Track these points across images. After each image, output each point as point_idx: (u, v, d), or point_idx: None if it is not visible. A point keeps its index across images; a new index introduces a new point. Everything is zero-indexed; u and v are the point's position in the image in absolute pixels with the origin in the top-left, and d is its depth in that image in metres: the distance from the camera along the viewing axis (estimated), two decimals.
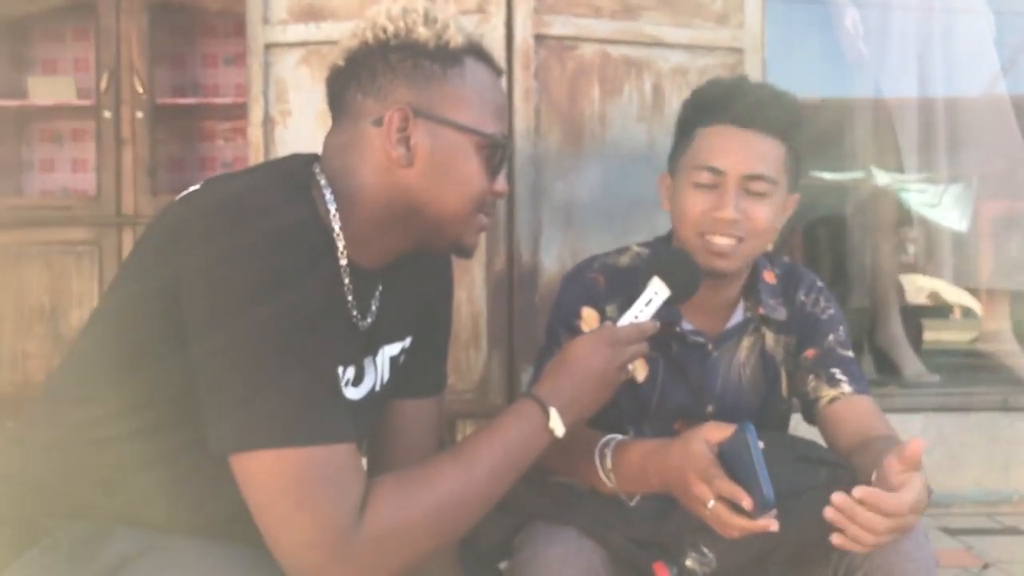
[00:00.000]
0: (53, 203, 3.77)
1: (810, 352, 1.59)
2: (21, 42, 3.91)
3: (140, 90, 3.63)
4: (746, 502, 1.19)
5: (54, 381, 1.19)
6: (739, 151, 1.47)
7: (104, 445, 1.11)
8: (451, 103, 1.20)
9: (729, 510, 1.22)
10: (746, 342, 1.60)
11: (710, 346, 1.57)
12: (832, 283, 3.63)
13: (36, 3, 3.67)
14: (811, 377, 1.57)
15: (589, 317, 1.58)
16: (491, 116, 1.24)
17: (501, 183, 1.27)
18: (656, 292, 1.34)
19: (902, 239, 3.73)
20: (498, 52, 2.18)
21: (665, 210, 1.61)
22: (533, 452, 1.21)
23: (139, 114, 3.63)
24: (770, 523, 1.20)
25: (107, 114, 3.63)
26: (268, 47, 2.25)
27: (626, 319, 1.33)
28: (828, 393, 1.54)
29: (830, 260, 3.74)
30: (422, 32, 1.18)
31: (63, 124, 3.94)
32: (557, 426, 1.22)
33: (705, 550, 1.37)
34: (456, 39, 1.20)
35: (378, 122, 1.18)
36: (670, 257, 1.41)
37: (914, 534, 1.33)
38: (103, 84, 3.63)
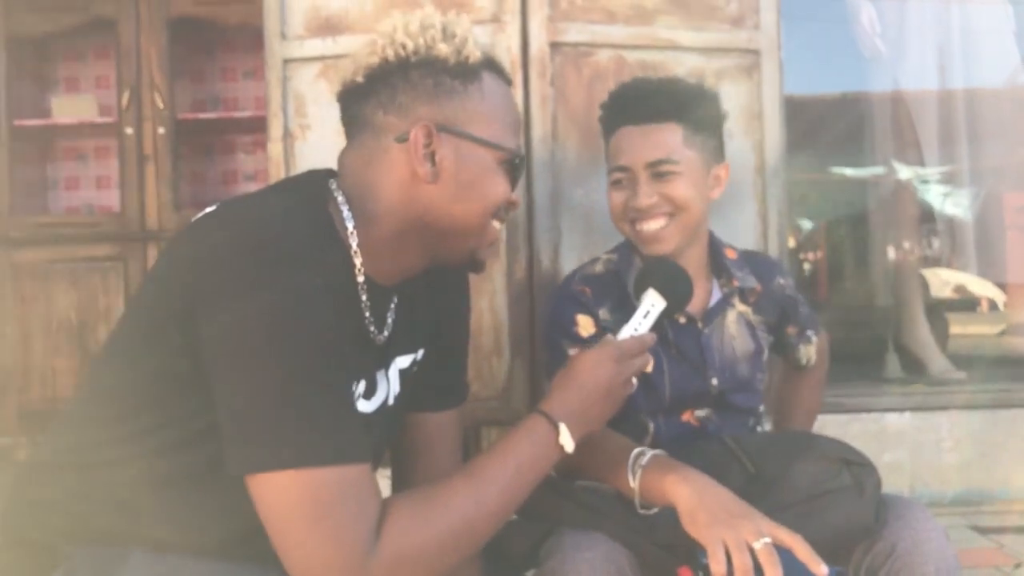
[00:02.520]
0: (78, 220, 3.82)
1: (791, 329, 1.81)
2: (44, 62, 3.96)
3: (161, 106, 3.67)
4: (822, 569, 1.20)
5: (73, 402, 1.20)
6: (638, 145, 1.61)
7: (121, 465, 1.12)
8: (473, 118, 1.21)
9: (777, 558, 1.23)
10: (731, 316, 1.69)
11: (700, 324, 1.66)
12: (854, 280, 3.63)
13: (57, 23, 3.71)
14: (801, 346, 1.84)
15: (585, 323, 1.64)
16: (511, 129, 1.26)
17: (515, 194, 1.28)
18: (653, 304, 1.37)
19: (927, 233, 3.70)
20: (514, 60, 2.20)
21: None
22: (544, 468, 1.22)
23: (160, 130, 3.67)
24: None
25: (129, 131, 3.67)
26: (286, 62, 2.27)
27: (626, 332, 1.34)
28: (810, 351, 1.85)
29: (852, 257, 3.72)
30: (442, 48, 1.19)
31: (86, 142, 4.00)
32: (567, 442, 1.22)
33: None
34: (475, 54, 1.21)
35: (402, 138, 1.19)
36: (662, 268, 1.46)
37: (935, 534, 1.35)
38: (124, 101, 3.67)
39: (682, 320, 1.64)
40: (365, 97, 1.22)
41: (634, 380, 1.31)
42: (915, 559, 1.34)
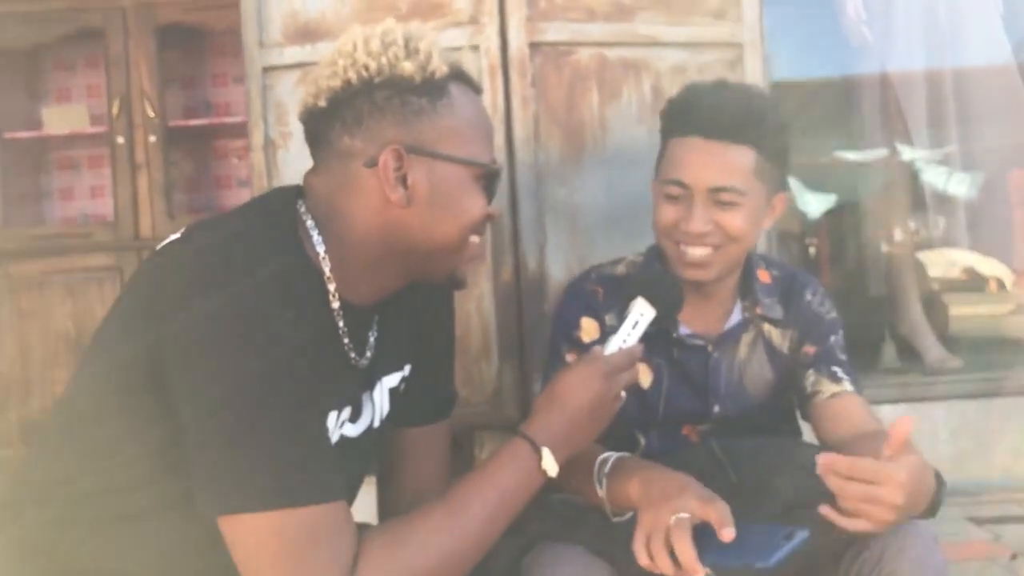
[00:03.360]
0: (74, 230, 3.83)
1: (809, 348, 1.60)
2: (34, 73, 3.97)
3: (151, 114, 3.67)
4: (727, 532, 1.18)
5: (44, 438, 1.19)
6: (704, 164, 1.48)
7: (93, 501, 1.11)
8: (443, 136, 1.16)
9: (689, 537, 1.20)
10: (745, 339, 1.61)
11: (710, 347, 1.58)
12: (849, 268, 3.61)
13: (45, 33, 3.70)
14: (811, 372, 1.58)
15: (589, 327, 1.58)
16: (483, 142, 1.22)
17: (493, 207, 1.24)
18: (642, 314, 1.31)
19: (933, 214, 3.66)
20: (493, 62, 2.18)
21: None
22: (527, 495, 1.18)
23: (152, 138, 3.67)
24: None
25: (120, 140, 3.67)
26: (266, 70, 2.26)
27: (614, 344, 1.29)
28: (830, 388, 1.56)
29: (843, 247, 3.69)
30: (406, 67, 1.14)
31: (79, 152, 4.00)
32: (551, 466, 1.19)
33: (706, 569, 1.35)
34: (441, 69, 1.16)
35: (371, 163, 1.14)
36: (652, 276, 1.42)
37: (922, 539, 1.32)
38: (115, 110, 3.67)
39: (693, 343, 1.57)
40: (329, 121, 1.16)
41: (623, 394, 1.27)
42: (903, 566, 1.30)
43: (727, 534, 1.17)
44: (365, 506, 1.35)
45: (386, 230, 1.16)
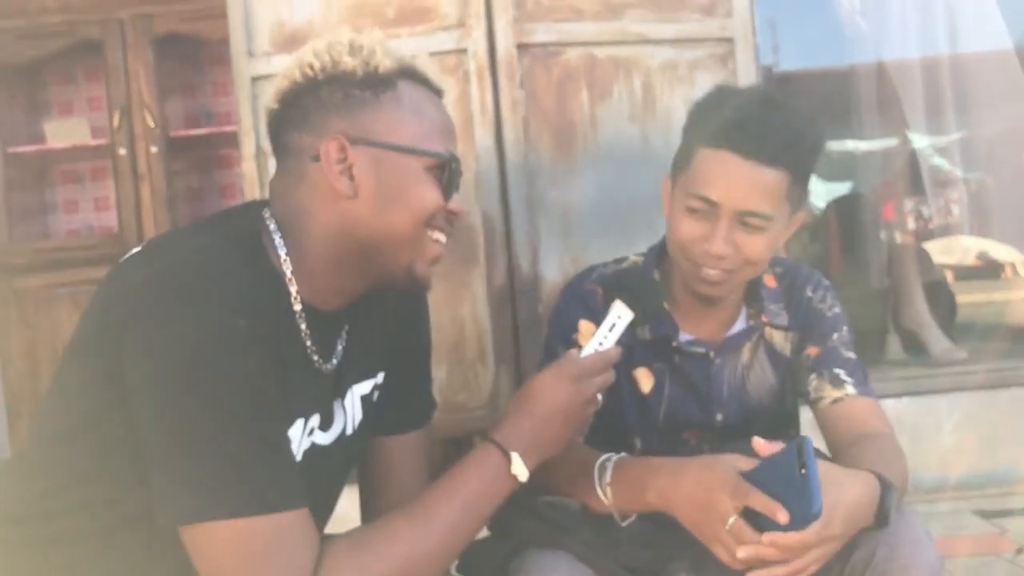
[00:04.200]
0: (79, 243, 3.85)
1: (812, 350, 1.55)
2: (34, 87, 3.99)
3: (152, 125, 3.68)
4: (782, 515, 1.16)
5: (20, 453, 1.20)
6: (737, 184, 1.38)
7: (61, 516, 1.11)
8: (388, 127, 1.17)
9: (751, 529, 1.19)
10: (747, 345, 1.57)
11: (712, 354, 1.55)
12: (854, 260, 3.57)
13: (44, 48, 3.73)
14: (813, 376, 1.53)
15: (587, 331, 1.54)
16: (435, 134, 1.21)
17: (455, 203, 1.23)
18: (619, 316, 1.30)
19: (945, 201, 3.63)
20: (481, 64, 2.17)
21: (665, 216, 1.54)
22: (496, 500, 1.19)
23: (153, 148, 3.69)
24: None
25: (122, 151, 3.69)
26: (254, 80, 2.26)
27: (590, 347, 1.28)
28: (832, 394, 1.51)
29: (846, 238, 3.66)
30: (348, 62, 1.16)
31: (82, 165, 4.02)
32: (520, 471, 1.19)
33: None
34: (384, 63, 1.18)
35: (316, 157, 1.16)
36: (630, 278, 1.38)
37: (914, 538, 1.29)
38: (115, 122, 3.68)
39: (694, 350, 1.54)
40: (281, 122, 1.20)
41: (599, 397, 1.26)
42: (894, 566, 1.27)
43: (782, 518, 1.16)
44: (351, 517, 1.35)
45: (340, 225, 1.17)
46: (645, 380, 1.56)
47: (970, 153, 3.24)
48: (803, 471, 1.16)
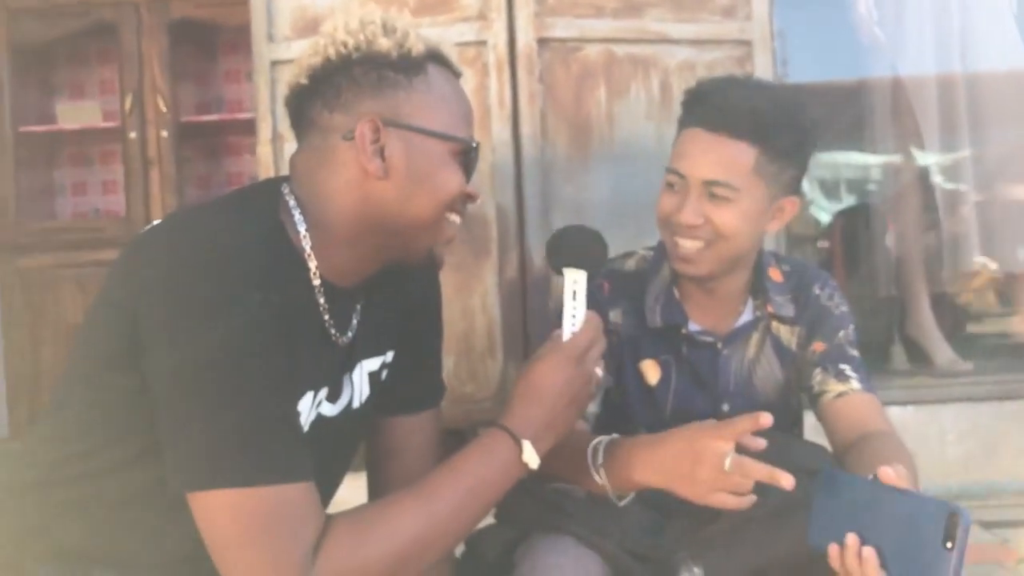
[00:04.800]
0: (85, 225, 3.85)
1: (818, 345, 1.57)
2: (47, 68, 3.97)
3: (163, 109, 3.67)
4: (786, 480, 1.17)
5: (38, 421, 1.20)
6: (701, 155, 1.46)
7: (78, 484, 1.12)
8: (420, 111, 1.18)
9: (752, 460, 1.21)
10: (754, 337, 1.59)
11: (719, 345, 1.57)
12: (860, 270, 3.59)
13: (59, 28, 3.72)
14: (818, 371, 1.56)
15: None
16: (460, 120, 1.23)
17: (474, 188, 1.25)
18: (575, 280, 1.26)
19: (953, 219, 3.63)
20: (501, 58, 2.18)
21: None
22: (503, 487, 1.18)
23: (164, 133, 3.68)
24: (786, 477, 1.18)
25: (132, 135, 3.68)
26: (274, 64, 2.27)
27: (566, 324, 1.25)
28: (836, 388, 1.53)
29: (858, 246, 3.67)
30: (383, 43, 1.17)
31: (92, 147, 4.00)
32: (532, 458, 1.19)
33: (696, 569, 1.35)
34: (417, 47, 1.19)
35: (348, 136, 1.16)
36: (566, 240, 1.30)
37: None
38: (127, 105, 3.68)
39: (703, 339, 1.56)
40: (310, 98, 1.19)
41: (598, 371, 1.25)
42: None
43: (786, 483, 1.18)
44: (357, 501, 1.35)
45: (364, 204, 1.18)
46: (652, 372, 1.57)
47: (979, 171, 3.24)
48: (949, 545, 1.05)
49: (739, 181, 1.45)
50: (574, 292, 1.26)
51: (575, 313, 1.25)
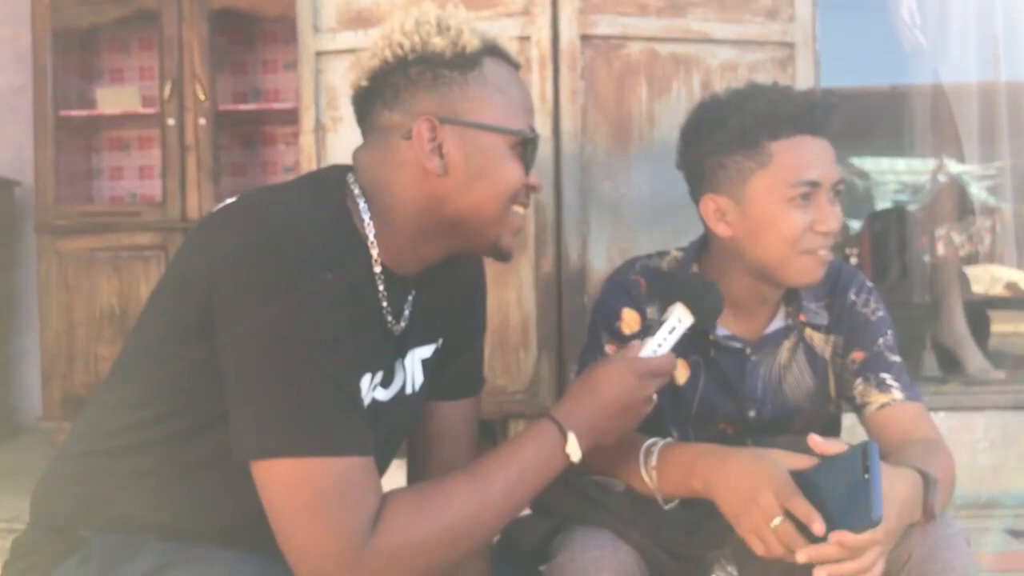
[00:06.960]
0: (121, 209, 3.90)
1: (857, 354, 1.56)
2: (89, 53, 4.03)
3: (202, 97, 3.71)
4: (817, 526, 1.17)
5: (100, 391, 1.23)
6: (824, 159, 1.47)
7: (137, 452, 1.15)
8: (476, 106, 1.21)
9: (795, 531, 1.20)
10: (786, 344, 1.58)
11: (748, 351, 1.56)
12: (892, 277, 3.57)
13: (102, 15, 3.76)
14: (859, 381, 1.55)
15: (630, 319, 1.58)
16: (518, 111, 1.25)
17: (534, 177, 1.27)
18: (680, 320, 1.33)
19: (977, 229, 3.62)
20: (544, 53, 2.19)
21: (721, 234, 1.52)
22: (548, 475, 1.22)
23: (201, 121, 3.72)
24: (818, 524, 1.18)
25: (171, 121, 3.72)
26: (319, 55, 2.28)
27: (649, 347, 1.31)
28: (878, 399, 1.52)
29: (889, 254, 3.65)
30: (437, 42, 1.20)
31: (130, 132, 4.07)
32: (574, 451, 1.22)
33: (731, 569, 1.36)
34: (472, 43, 1.21)
35: (407, 135, 1.20)
36: (693, 283, 1.39)
37: (953, 541, 1.30)
38: (166, 92, 3.72)
39: (731, 345, 1.56)
40: (371, 99, 1.24)
41: (654, 397, 1.29)
42: (932, 568, 1.29)
43: (818, 529, 1.17)
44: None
45: (428, 201, 1.21)
46: (681, 371, 1.58)
47: (1015, 182, 3.22)
48: (866, 476, 1.16)
49: None
50: (673, 328, 1.32)
51: (662, 343, 1.31)
